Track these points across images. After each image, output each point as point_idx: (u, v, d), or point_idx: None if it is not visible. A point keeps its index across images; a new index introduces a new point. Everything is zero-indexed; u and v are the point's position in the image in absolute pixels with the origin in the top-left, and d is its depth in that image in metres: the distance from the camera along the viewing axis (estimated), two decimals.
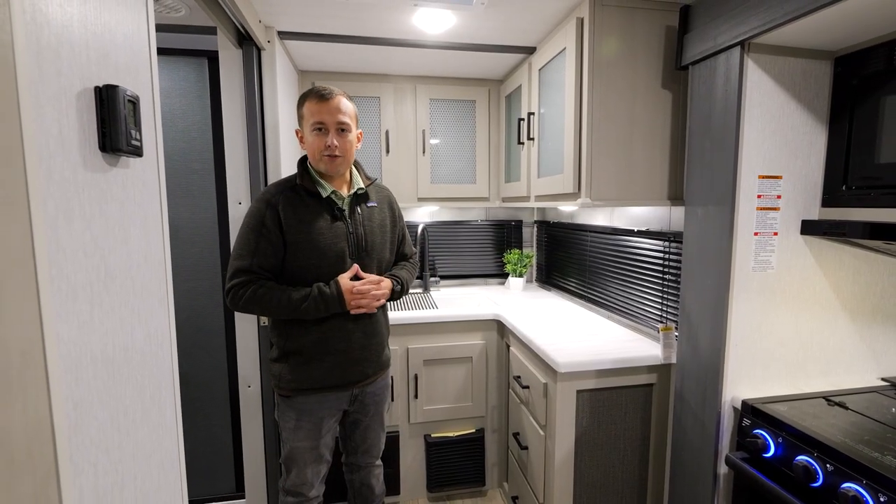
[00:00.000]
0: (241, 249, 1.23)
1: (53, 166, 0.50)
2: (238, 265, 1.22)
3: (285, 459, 1.34)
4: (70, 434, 0.51)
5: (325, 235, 1.25)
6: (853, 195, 1.09)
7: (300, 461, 1.32)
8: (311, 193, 1.27)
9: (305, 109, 1.25)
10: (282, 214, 1.22)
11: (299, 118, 1.29)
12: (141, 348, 0.68)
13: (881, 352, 1.26)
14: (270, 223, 1.22)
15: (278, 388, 1.32)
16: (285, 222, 1.22)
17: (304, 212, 1.25)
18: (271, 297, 1.20)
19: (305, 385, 1.28)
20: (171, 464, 0.76)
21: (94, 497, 0.56)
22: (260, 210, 1.23)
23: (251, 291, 1.21)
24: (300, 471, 1.32)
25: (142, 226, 0.69)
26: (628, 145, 1.41)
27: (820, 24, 0.97)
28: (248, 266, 1.22)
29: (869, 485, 0.83)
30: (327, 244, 1.25)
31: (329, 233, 1.26)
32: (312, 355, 1.27)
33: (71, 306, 0.52)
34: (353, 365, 1.31)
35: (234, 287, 1.22)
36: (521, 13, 1.50)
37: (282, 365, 1.30)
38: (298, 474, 1.33)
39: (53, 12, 0.51)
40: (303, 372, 1.27)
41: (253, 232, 1.22)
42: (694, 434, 1.26)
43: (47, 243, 0.49)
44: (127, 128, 0.61)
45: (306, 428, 1.30)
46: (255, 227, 1.22)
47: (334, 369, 1.29)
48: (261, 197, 1.26)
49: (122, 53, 0.65)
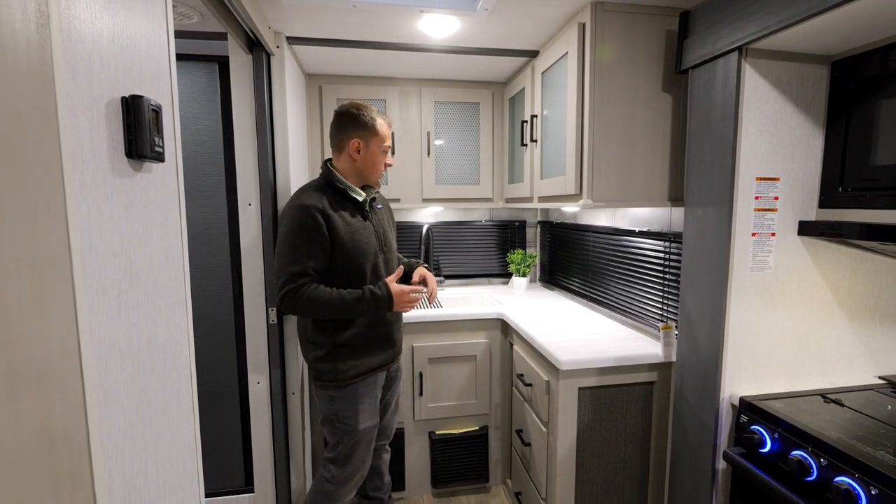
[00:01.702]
0: (293, 254, 1.31)
1: (86, 172, 0.54)
2: (293, 270, 1.31)
3: (345, 451, 1.43)
4: (101, 421, 0.55)
5: (362, 235, 1.40)
6: (850, 197, 1.11)
7: (366, 442, 1.45)
8: (346, 197, 1.41)
9: (379, 130, 1.41)
10: (331, 218, 1.34)
11: (366, 135, 1.40)
12: (162, 343, 0.72)
13: (879, 350, 1.28)
14: (321, 227, 1.32)
15: (336, 381, 1.40)
16: (334, 225, 1.34)
17: (347, 215, 1.39)
18: (327, 299, 1.31)
19: (364, 369, 1.42)
20: (188, 453, 0.80)
21: (122, 481, 0.60)
22: (309, 215, 1.31)
23: (308, 294, 1.30)
24: (364, 453, 1.45)
25: (163, 227, 0.73)
26: (629, 147, 1.44)
27: (816, 29, 1.00)
28: (304, 269, 1.31)
29: (861, 478, 0.85)
30: (366, 242, 1.41)
31: (365, 232, 1.42)
32: (364, 343, 1.42)
33: (101, 302, 0.56)
34: (393, 345, 1.52)
35: (292, 290, 1.30)
36: (524, 18, 1.53)
37: (333, 360, 1.40)
38: (362, 457, 1.45)
39: (86, 29, 0.55)
40: (358, 359, 1.41)
41: (304, 237, 1.31)
42: (693, 430, 1.28)
43: (81, 243, 0.52)
44: (151, 135, 0.65)
45: (369, 409, 1.45)
46: (306, 231, 1.31)
47: (382, 352, 1.47)
48: (303, 203, 1.33)
49: (146, 64, 0.68)
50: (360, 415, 1.42)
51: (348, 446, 1.43)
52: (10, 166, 0.42)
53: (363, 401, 1.43)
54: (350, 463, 1.44)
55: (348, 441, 1.43)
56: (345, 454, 1.44)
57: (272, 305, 1.61)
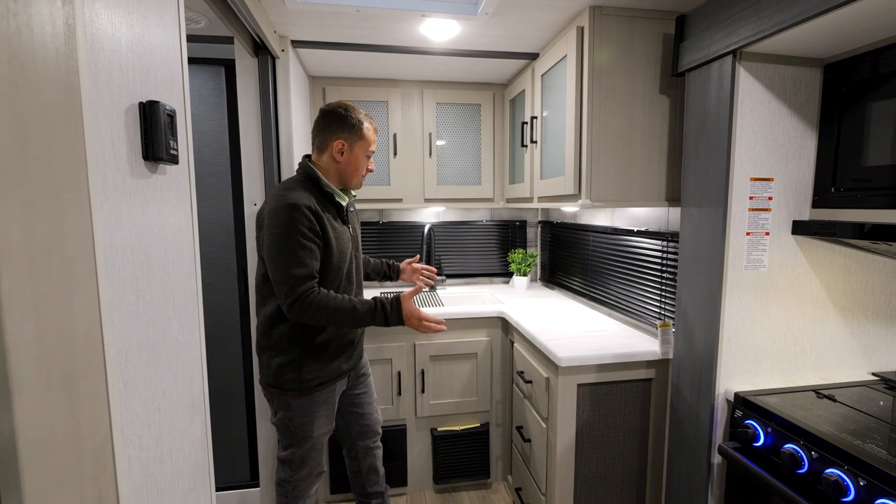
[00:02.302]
0: (296, 257, 1.22)
1: (107, 174, 0.57)
2: (300, 272, 1.22)
3: (299, 456, 1.39)
4: (121, 408, 0.58)
5: (343, 238, 1.37)
6: (842, 197, 1.14)
7: (319, 446, 1.43)
8: (332, 201, 1.36)
9: (365, 134, 1.36)
10: (322, 220, 1.28)
11: (352, 137, 1.34)
12: (176, 337, 0.75)
13: (872, 347, 1.30)
14: (315, 227, 1.26)
15: (298, 390, 1.33)
16: (324, 227, 1.29)
17: (331, 217, 1.34)
18: (337, 307, 1.25)
19: (329, 377, 1.38)
20: (200, 443, 0.83)
21: (140, 467, 0.63)
22: (305, 215, 1.24)
23: (319, 300, 1.24)
24: (319, 454, 1.43)
25: (175, 226, 0.76)
26: (627, 148, 1.47)
27: (808, 33, 1.02)
28: (309, 272, 1.24)
29: (850, 470, 0.88)
30: (346, 245, 1.38)
31: (344, 235, 1.38)
32: (335, 349, 1.38)
33: (121, 297, 0.59)
34: (357, 349, 1.49)
35: (303, 294, 1.22)
36: (524, 22, 1.56)
37: (299, 368, 1.33)
38: (318, 459, 1.43)
39: (108, 39, 0.58)
40: (326, 366, 1.37)
41: (304, 238, 1.23)
42: (689, 426, 1.31)
43: (103, 240, 0.56)
44: (166, 138, 0.68)
45: (325, 416, 1.40)
46: (303, 233, 1.23)
47: (349, 358, 1.44)
48: (296, 202, 1.24)
49: (161, 70, 0.72)
50: (316, 422, 1.37)
51: (302, 450, 1.39)
52: (42, 166, 0.45)
53: (320, 409, 1.37)
54: (305, 465, 1.40)
55: (302, 445, 1.38)
56: (299, 458, 1.39)
57: None
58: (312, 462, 1.42)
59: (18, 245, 0.41)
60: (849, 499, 0.87)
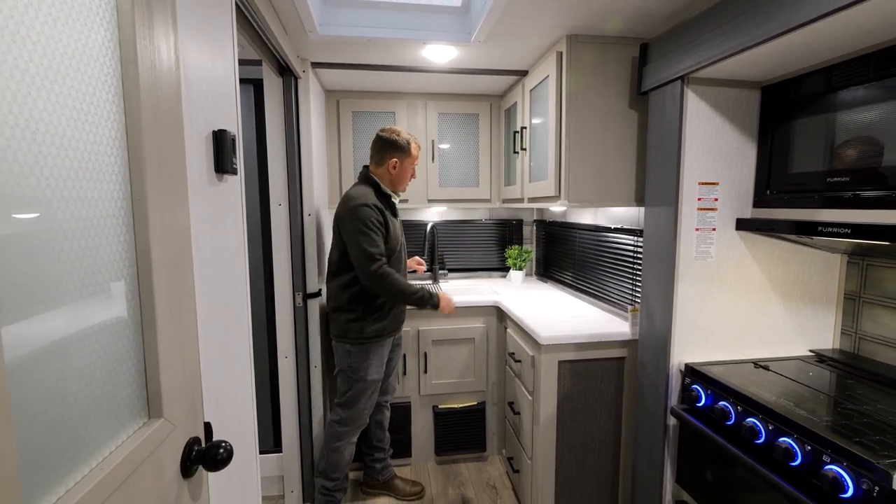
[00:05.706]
0: (371, 241, 1.67)
1: (194, 181, 0.82)
2: (376, 251, 1.67)
3: (353, 395, 1.77)
4: (204, 350, 0.83)
5: (396, 228, 1.82)
6: (776, 198, 1.35)
7: (369, 392, 1.80)
8: (389, 201, 1.81)
9: (412, 151, 1.82)
10: (384, 214, 1.73)
11: (402, 155, 1.80)
12: (233, 304, 0.99)
13: (810, 328, 1.51)
14: (381, 220, 1.71)
15: (357, 340, 1.76)
16: (387, 220, 1.74)
17: (389, 213, 1.78)
18: (400, 283, 1.70)
19: (384, 332, 1.80)
20: (249, 391, 1.07)
21: (213, 399, 0.87)
22: (373, 212, 1.69)
23: (391, 276, 1.68)
24: (367, 400, 1.80)
25: (233, 221, 1.00)
26: (602, 156, 1.69)
27: (743, 62, 1.23)
28: (381, 251, 1.69)
29: (763, 419, 1.10)
30: (398, 233, 1.82)
31: (399, 228, 1.85)
32: (387, 312, 1.81)
33: (204, 272, 0.84)
34: (403, 312, 1.93)
35: (378, 268, 1.66)
36: (512, 46, 1.79)
37: (362, 321, 1.76)
38: (365, 403, 1.79)
39: (192, 71, 0.82)
40: (380, 323, 1.79)
41: (373, 228, 1.68)
42: (650, 394, 1.53)
43: (194, 231, 0.80)
44: (230, 156, 0.92)
45: (376, 364, 1.80)
46: (373, 224, 1.68)
47: (396, 318, 1.86)
48: (366, 203, 1.69)
49: (224, 104, 0.96)
50: (370, 368, 1.78)
51: (356, 392, 1.78)
52: (168, 177, 0.69)
53: (373, 358, 1.79)
54: (356, 406, 1.79)
55: (357, 388, 1.78)
56: (352, 398, 1.78)
57: (298, 290, 1.89)
58: (361, 404, 1.79)
59: (157, 224, 0.65)
60: (760, 441, 1.09)
